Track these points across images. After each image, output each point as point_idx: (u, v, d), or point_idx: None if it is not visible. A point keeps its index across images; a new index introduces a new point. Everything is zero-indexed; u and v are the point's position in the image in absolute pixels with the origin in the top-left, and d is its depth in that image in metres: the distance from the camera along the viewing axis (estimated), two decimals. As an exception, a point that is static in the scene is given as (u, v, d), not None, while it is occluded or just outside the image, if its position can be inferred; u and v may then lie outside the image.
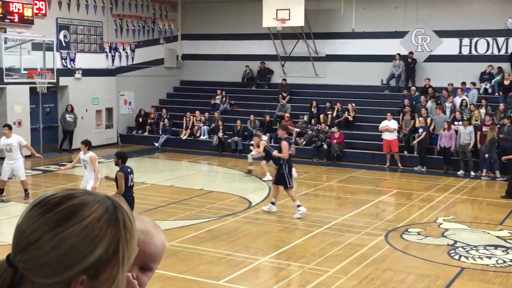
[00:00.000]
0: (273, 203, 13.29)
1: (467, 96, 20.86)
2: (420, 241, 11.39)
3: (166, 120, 23.89)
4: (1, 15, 19.36)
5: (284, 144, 12.86)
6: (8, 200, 14.42)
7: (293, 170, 14.51)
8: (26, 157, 20.49)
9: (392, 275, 9.38)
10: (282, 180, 12.87)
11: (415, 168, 19.26)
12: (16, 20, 19.87)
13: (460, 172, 18.38)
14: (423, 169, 19.10)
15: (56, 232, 1.30)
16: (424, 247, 11.05)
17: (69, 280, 1.32)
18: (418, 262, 10.17)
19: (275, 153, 13.50)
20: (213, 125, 23.15)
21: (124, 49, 24.84)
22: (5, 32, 18.99)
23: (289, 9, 22.94)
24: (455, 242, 11.29)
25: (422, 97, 21.02)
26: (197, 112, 23.92)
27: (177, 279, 9.02)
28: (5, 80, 16.99)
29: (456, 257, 10.39)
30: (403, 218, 13.14)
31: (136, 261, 1.71)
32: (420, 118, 19.64)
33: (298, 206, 12.85)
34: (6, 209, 13.72)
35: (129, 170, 10.52)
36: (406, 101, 20.87)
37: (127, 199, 10.30)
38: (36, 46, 18.14)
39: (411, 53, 22.93)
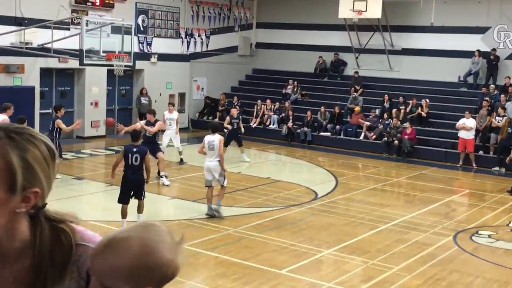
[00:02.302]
0: (165, 176, 14.40)
1: (550, 96, 19.93)
2: (491, 244, 11.02)
3: (237, 107, 24.05)
4: (84, -2, 20.03)
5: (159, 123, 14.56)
6: (82, 178, 14.97)
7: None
8: (102, 136, 21.23)
9: (459, 277, 9.13)
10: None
11: (493, 169, 18.54)
12: (98, 3, 20.50)
13: (539, 176, 17.60)
14: (501, 170, 18.33)
15: None
16: (494, 250, 10.69)
17: None
18: (487, 266, 9.83)
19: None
20: (283, 114, 23.14)
21: (199, 36, 25.17)
22: (86, 15, 19.63)
23: (366, 1, 22.54)
24: (528, 248, 10.86)
25: (502, 95, 20.23)
26: (268, 100, 23.98)
27: (241, 265, 9.10)
28: (85, 62, 17.58)
29: (529, 263, 9.99)
30: (474, 219, 12.74)
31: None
32: (497, 118, 18.93)
33: (165, 176, 14.32)
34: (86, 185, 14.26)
35: (134, 149, 10.21)
36: (487, 99, 19.99)
37: (126, 176, 10.29)
38: (115, 30, 18.62)
39: (493, 49, 22.04)
